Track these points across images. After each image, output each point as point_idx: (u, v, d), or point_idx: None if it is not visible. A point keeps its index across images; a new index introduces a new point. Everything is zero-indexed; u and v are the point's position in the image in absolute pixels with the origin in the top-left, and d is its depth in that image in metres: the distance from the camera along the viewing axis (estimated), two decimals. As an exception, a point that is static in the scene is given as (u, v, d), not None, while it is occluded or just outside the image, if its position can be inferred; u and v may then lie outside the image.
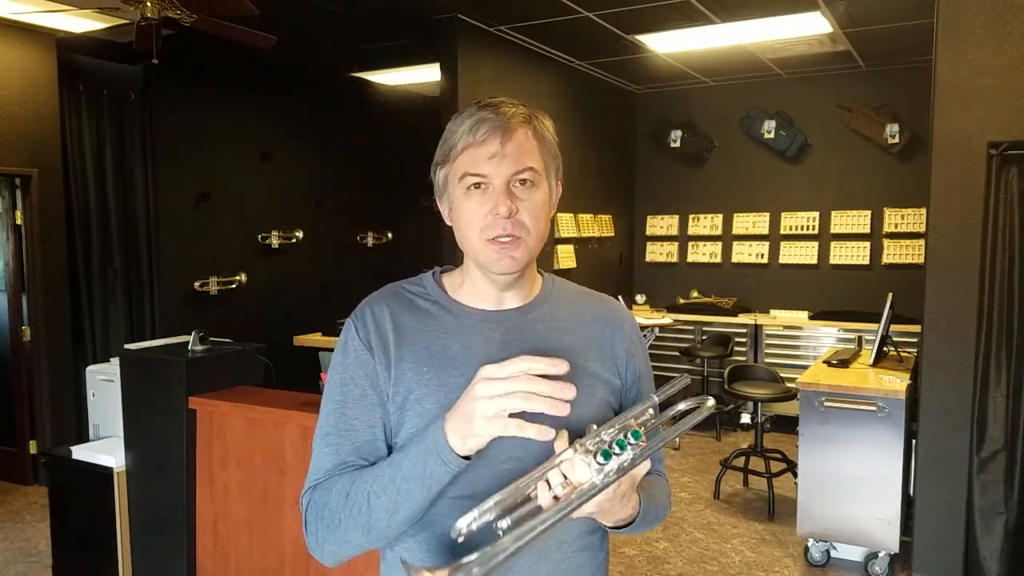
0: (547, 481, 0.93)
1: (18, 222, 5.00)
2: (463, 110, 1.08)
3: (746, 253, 6.93)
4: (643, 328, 6.23)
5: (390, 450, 1.09)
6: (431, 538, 1.07)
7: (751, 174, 6.89)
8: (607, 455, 0.92)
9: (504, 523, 0.89)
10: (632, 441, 0.93)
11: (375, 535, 1.03)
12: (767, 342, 6.32)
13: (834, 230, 6.51)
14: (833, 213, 6.52)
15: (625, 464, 0.93)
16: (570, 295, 1.21)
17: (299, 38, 5.19)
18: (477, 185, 1.05)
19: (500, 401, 0.91)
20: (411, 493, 0.99)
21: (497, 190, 1.04)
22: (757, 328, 6.37)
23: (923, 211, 5.03)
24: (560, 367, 0.92)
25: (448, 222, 1.12)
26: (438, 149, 1.10)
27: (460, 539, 0.90)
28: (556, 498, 0.92)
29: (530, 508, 0.92)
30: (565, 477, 0.93)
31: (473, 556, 0.85)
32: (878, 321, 4.27)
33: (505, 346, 1.09)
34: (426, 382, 1.06)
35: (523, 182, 1.06)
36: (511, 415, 0.91)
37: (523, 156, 1.05)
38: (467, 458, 0.96)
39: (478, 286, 1.13)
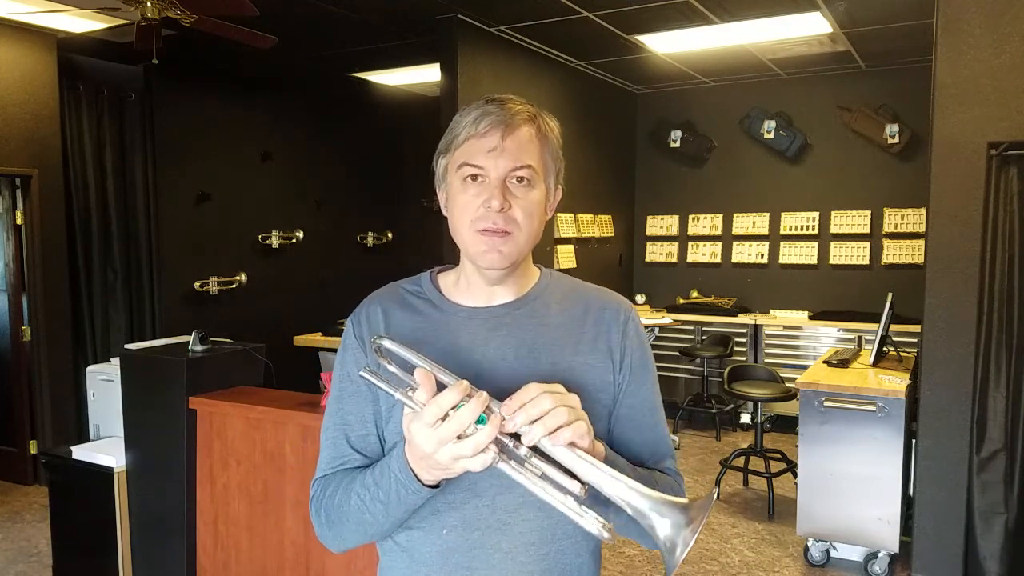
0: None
1: (18, 222, 5.00)
2: (472, 104, 1.09)
3: (746, 253, 6.93)
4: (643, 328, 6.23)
5: (382, 443, 1.13)
6: (424, 533, 1.10)
7: (751, 174, 6.89)
8: (483, 420, 0.91)
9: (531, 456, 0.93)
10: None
11: (371, 534, 1.10)
12: (767, 342, 6.32)
13: (834, 230, 6.50)
14: (833, 213, 6.52)
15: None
16: (565, 290, 1.19)
17: (299, 38, 5.18)
18: (474, 177, 1.06)
19: (467, 451, 0.91)
20: (390, 511, 1.04)
21: (492, 184, 1.05)
22: (757, 328, 6.36)
23: (923, 211, 5.03)
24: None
25: (444, 212, 1.13)
26: (443, 138, 1.11)
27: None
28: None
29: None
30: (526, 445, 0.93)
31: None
32: (878, 321, 4.26)
33: (490, 342, 1.10)
34: None
35: (520, 179, 1.06)
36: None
37: (522, 153, 1.06)
38: (437, 485, 1.00)
39: (471, 282, 1.13)
